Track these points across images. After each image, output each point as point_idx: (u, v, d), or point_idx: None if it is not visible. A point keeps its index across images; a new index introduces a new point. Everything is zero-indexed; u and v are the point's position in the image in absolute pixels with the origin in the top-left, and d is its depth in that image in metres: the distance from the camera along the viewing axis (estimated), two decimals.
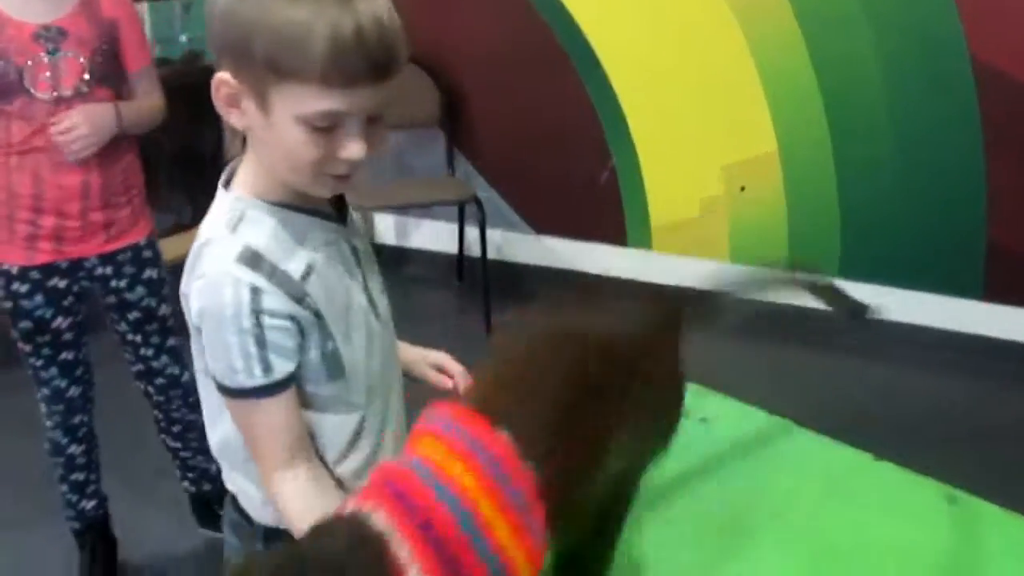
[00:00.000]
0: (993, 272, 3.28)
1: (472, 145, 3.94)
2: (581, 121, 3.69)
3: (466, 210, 3.92)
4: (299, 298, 1.06)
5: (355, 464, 1.15)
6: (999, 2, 3.08)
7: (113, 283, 2.10)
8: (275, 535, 1.16)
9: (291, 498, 1.08)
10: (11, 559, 2.41)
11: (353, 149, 1.03)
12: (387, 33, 1.00)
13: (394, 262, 3.99)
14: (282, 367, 1.06)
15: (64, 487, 2.25)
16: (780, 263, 2.55)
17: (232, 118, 1.05)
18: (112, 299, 2.14)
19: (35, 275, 2.02)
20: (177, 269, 2.35)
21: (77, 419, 2.19)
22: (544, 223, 3.92)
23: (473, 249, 3.91)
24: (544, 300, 1.19)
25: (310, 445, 1.11)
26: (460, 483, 0.89)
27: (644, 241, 3.75)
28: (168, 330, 2.21)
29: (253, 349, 1.04)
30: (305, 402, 1.11)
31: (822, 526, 1.28)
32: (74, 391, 2.16)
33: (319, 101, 0.99)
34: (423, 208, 4.01)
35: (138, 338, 2.19)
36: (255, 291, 1.03)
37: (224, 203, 1.10)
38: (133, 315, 2.16)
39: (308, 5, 0.97)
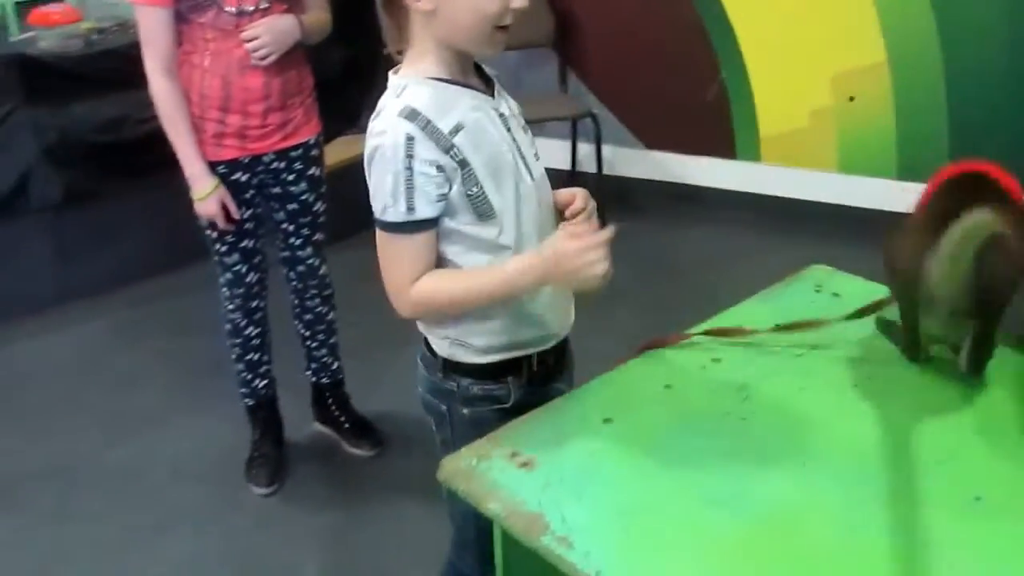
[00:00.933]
0: None
1: (583, 64, 4.05)
2: (690, 36, 3.76)
3: (579, 127, 4.04)
4: (446, 148, 1.27)
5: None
6: None
7: (284, 176, 2.34)
8: (452, 366, 1.41)
9: (437, 291, 1.32)
10: (190, 439, 2.69)
11: (512, 2, 1.26)
12: None
13: None
14: (423, 210, 1.28)
15: (240, 366, 2.50)
16: None
17: (422, 3, 1.26)
18: (278, 190, 2.36)
19: (222, 169, 2.24)
20: (337, 172, 2.62)
21: (254, 303, 2.43)
22: (654, 138, 4.02)
23: (585, 165, 4.04)
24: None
25: None
26: None
27: (753, 153, 3.83)
28: (318, 224, 2.45)
29: (402, 188, 1.26)
30: (459, 241, 1.33)
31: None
32: (252, 276, 2.40)
33: None
34: (538, 124, 4.14)
35: (291, 227, 2.42)
36: (409, 138, 1.25)
37: (392, 81, 1.32)
38: (292, 206, 2.39)
39: None
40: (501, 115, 1.36)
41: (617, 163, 4.05)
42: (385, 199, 1.28)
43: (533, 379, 1.43)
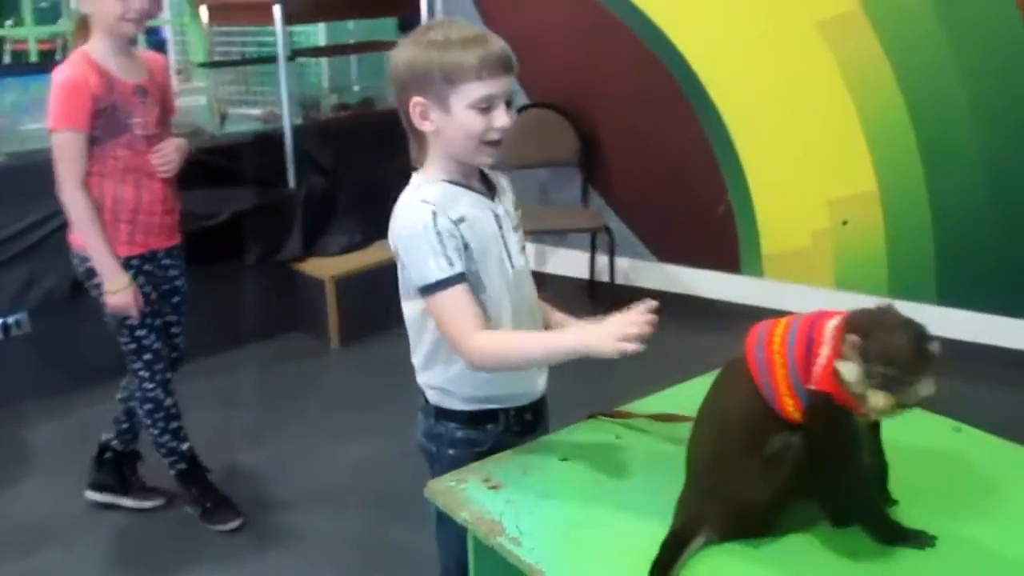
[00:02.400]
0: None
1: (604, 181, 4.45)
2: (701, 161, 4.15)
3: (597, 239, 4.42)
4: (455, 224, 1.60)
5: None
6: None
7: (170, 271, 2.74)
8: (441, 413, 1.74)
9: (499, 342, 1.61)
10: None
11: (503, 119, 1.60)
12: (506, 48, 1.60)
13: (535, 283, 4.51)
14: (459, 263, 1.58)
15: (166, 437, 2.80)
16: None
17: (425, 127, 1.62)
18: (166, 285, 2.74)
19: (135, 262, 2.62)
20: (353, 278, 2.95)
21: (168, 375, 2.77)
22: (666, 252, 4.37)
23: (602, 275, 4.40)
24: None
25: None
26: (771, 330, 1.39)
27: (756, 269, 4.16)
28: (185, 312, 2.85)
29: (439, 248, 1.57)
30: None
31: None
32: (165, 351, 2.75)
33: (481, 89, 1.57)
34: (560, 235, 4.52)
35: (173, 317, 2.81)
36: (434, 214, 1.58)
37: (413, 180, 1.68)
38: (175, 299, 2.79)
39: (459, 46, 1.57)
40: (496, 215, 1.69)
41: (632, 274, 4.41)
42: (427, 266, 1.57)
43: (509, 429, 1.73)
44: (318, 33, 5.16)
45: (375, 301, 4.13)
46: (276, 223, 4.11)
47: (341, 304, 4.06)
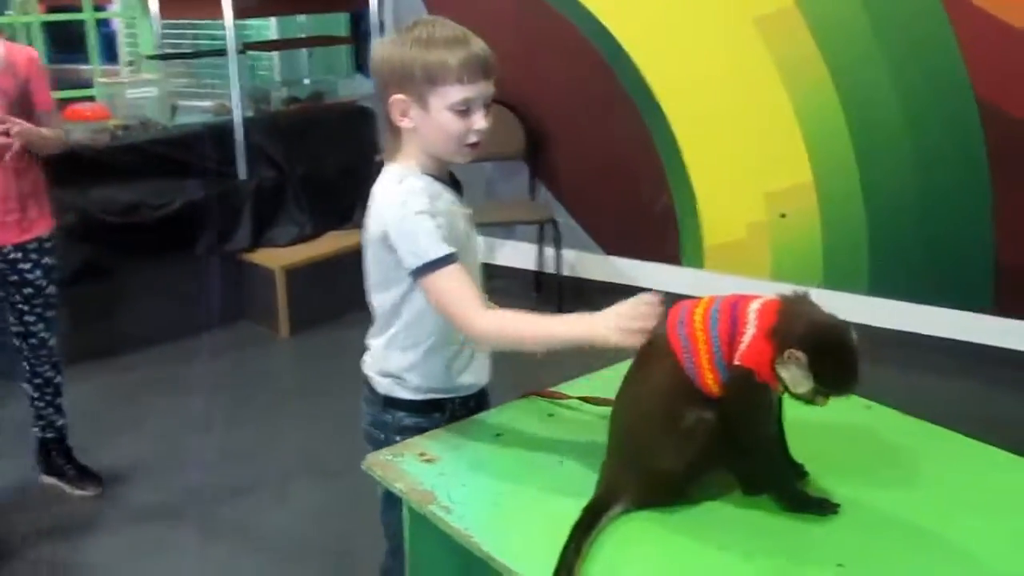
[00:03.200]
0: (1001, 287, 3.71)
1: (551, 175, 4.55)
2: (644, 156, 4.26)
3: (544, 232, 4.51)
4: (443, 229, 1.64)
5: None
6: (996, 47, 3.52)
7: (20, 265, 2.75)
8: (390, 401, 1.79)
9: (508, 322, 1.63)
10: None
11: (480, 122, 1.64)
12: (488, 51, 1.64)
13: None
14: (451, 245, 1.62)
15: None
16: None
17: (403, 123, 1.66)
18: (15, 277, 2.76)
19: None
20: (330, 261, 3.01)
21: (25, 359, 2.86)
22: (611, 244, 4.48)
23: (549, 266, 4.51)
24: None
25: None
26: (691, 310, 1.47)
27: (697, 261, 4.28)
28: (49, 304, 2.86)
29: (432, 228, 1.60)
30: None
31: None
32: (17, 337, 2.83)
33: (461, 93, 1.60)
34: (507, 228, 4.62)
35: (25, 307, 2.82)
36: (429, 199, 1.62)
37: (392, 170, 1.69)
38: (27, 290, 2.79)
39: (442, 46, 1.61)
40: (465, 215, 1.75)
41: (578, 266, 4.51)
42: (419, 245, 1.60)
43: (455, 416, 1.80)
44: (270, 27, 5.20)
45: (324, 291, 4.24)
46: (226, 213, 4.17)
47: (290, 294, 4.13)
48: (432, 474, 1.58)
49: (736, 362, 1.42)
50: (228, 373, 3.84)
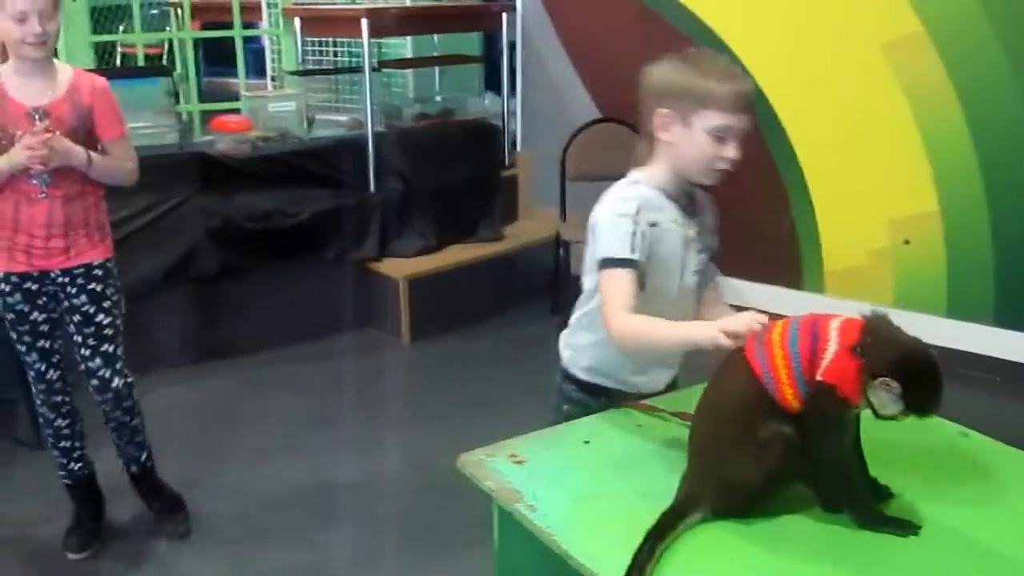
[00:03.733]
0: None
1: None
2: (766, 178, 4.24)
3: None
4: (651, 224, 1.81)
5: None
6: None
7: (68, 289, 2.63)
8: (566, 375, 2.00)
9: (636, 324, 1.77)
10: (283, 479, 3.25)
11: (731, 151, 1.79)
12: (752, 90, 1.81)
13: None
14: (639, 254, 1.79)
15: (55, 452, 2.80)
16: None
17: (663, 136, 1.82)
18: (66, 303, 2.64)
19: (14, 279, 2.59)
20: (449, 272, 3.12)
21: (58, 398, 2.72)
22: (730, 265, 4.46)
23: None
24: None
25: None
26: (769, 329, 1.53)
27: (818, 286, 4.24)
28: (103, 336, 2.67)
29: (630, 236, 1.78)
30: None
31: None
32: (52, 374, 2.70)
33: (723, 120, 1.76)
34: None
35: (78, 338, 2.67)
36: (638, 209, 1.80)
37: (632, 175, 1.88)
38: (76, 318, 2.65)
39: (717, 75, 1.77)
40: (686, 236, 1.88)
41: None
42: (613, 244, 1.79)
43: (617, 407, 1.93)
44: (406, 46, 5.40)
45: (445, 301, 4.37)
46: (355, 223, 4.34)
47: (412, 303, 4.27)
48: (520, 474, 1.66)
49: (818, 377, 1.46)
50: (349, 375, 4.00)
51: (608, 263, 1.79)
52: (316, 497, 3.09)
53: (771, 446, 1.49)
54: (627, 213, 1.79)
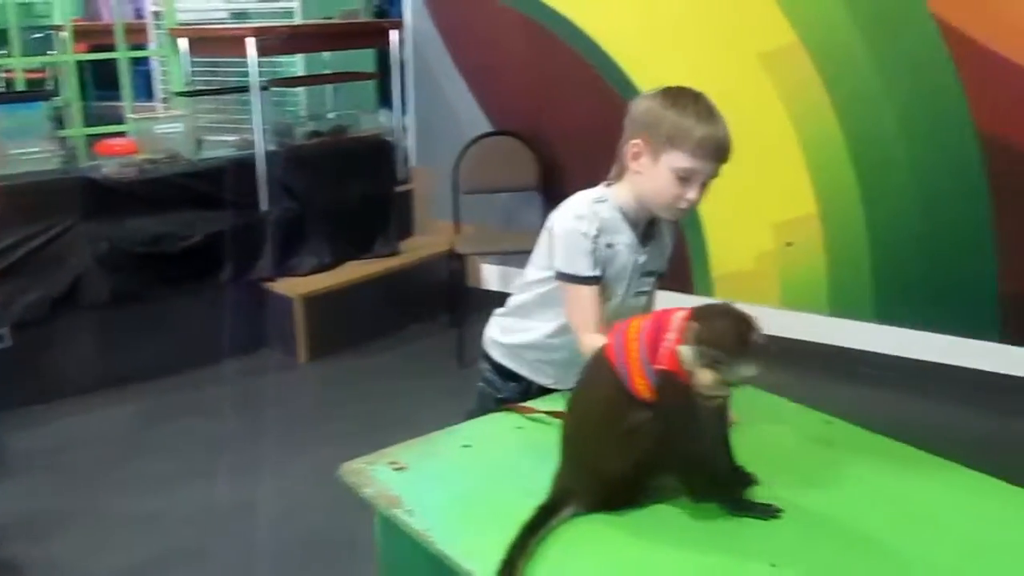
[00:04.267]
0: (1005, 315, 3.74)
1: None
2: None
3: None
4: (608, 245, 1.90)
5: None
6: (997, 82, 3.59)
7: None
8: (484, 352, 2.18)
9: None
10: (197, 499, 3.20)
11: (692, 194, 1.84)
12: (728, 140, 1.84)
13: (497, 303, 4.70)
14: (598, 271, 1.89)
15: None
16: None
17: (632, 164, 1.88)
18: None
19: None
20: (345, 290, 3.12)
21: None
22: None
23: None
24: None
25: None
26: (628, 323, 1.57)
27: (707, 290, 4.36)
28: None
29: (590, 255, 1.87)
30: None
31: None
32: None
33: (688, 163, 1.80)
34: (524, 256, 4.70)
35: None
36: (599, 231, 1.89)
37: (601, 189, 1.96)
38: None
39: (694, 118, 1.81)
40: (636, 261, 1.95)
41: None
42: (576, 261, 1.88)
43: (529, 394, 2.04)
44: (297, 64, 5.38)
45: (343, 319, 4.37)
46: (248, 244, 4.31)
47: (310, 322, 4.26)
48: (400, 481, 1.68)
49: (661, 366, 1.51)
50: (249, 397, 3.97)
51: (572, 279, 1.88)
52: (218, 520, 3.07)
53: (634, 437, 1.53)
54: (588, 234, 1.87)
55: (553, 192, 4.64)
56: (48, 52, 5.83)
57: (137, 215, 4.08)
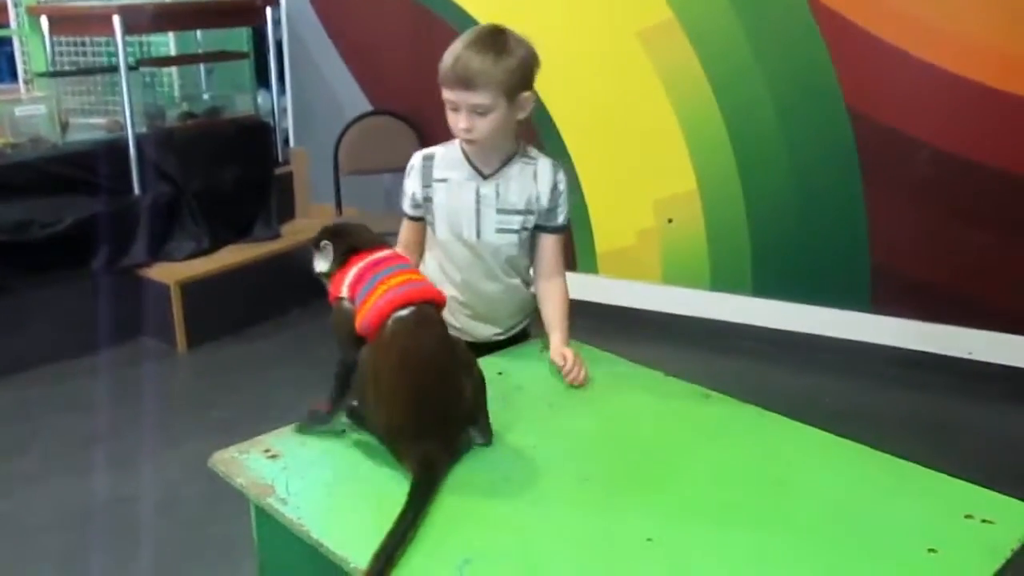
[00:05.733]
0: (875, 286, 3.86)
1: None
2: None
3: None
4: (427, 185, 2.06)
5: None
6: (864, 59, 3.68)
7: None
8: None
9: None
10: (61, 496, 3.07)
11: (463, 124, 1.95)
12: (464, 65, 1.92)
13: None
14: (410, 210, 2.10)
15: None
16: None
17: None
18: None
19: None
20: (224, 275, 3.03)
21: None
22: None
23: None
24: None
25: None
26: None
27: (592, 267, 4.38)
28: None
29: (407, 188, 2.09)
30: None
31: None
32: None
33: (444, 93, 1.95)
34: None
35: None
36: (413, 168, 2.10)
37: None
38: None
39: (449, 51, 1.96)
40: (477, 191, 2.03)
41: None
42: (402, 198, 2.12)
43: None
44: (168, 44, 5.20)
45: (222, 305, 4.25)
46: (120, 229, 4.15)
47: (187, 308, 4.13)
48: (274, 469, 1.64)
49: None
50: (123, 388, 3.83)
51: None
52: (93, 518, 2.94)
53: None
54: (409, 170, 2.11)
55: None
56: None
57: None
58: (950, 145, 3.61)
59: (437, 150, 2.09)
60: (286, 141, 4.97)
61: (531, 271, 2.17)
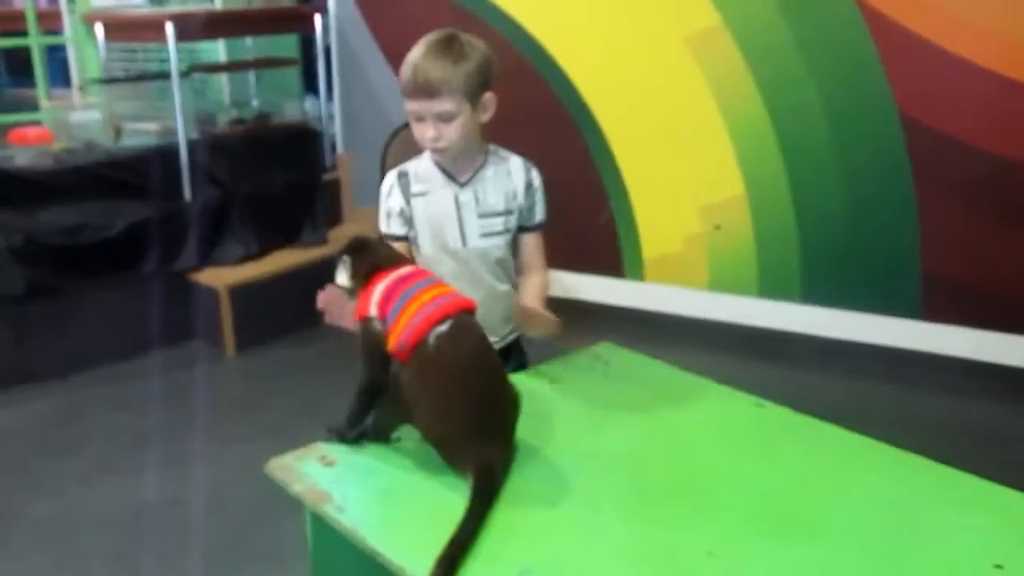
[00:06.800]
0: (926, 294, 3.81)
1: None
2: (584, 174, 4.35)
3: None
4: (407, 200, 2.06)
5: None
6: (916, 63, 3.64)
7: None
8: None
9: None
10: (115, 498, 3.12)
11: (430, 134, 1.97)
12: (424, 74, 1.93)
13: None
14: (397, 229, 2.08)
15: None
16: None
17: None
18: None
19: None
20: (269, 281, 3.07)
21: None
22: (555, 260, 4.53)
23: None
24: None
25: None
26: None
27: (638, 274, 4.37)
28: None
29: (384, 209, 2.08)
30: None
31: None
32: None
33: (408, 104, 1.96)
34: None
35: None
36: (391, 186, 2.07)
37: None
38: None
39: (408, 62, 1.97)
40: (456, 198, 2.05)
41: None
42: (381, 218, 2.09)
43: None
44: (218, 51, 5.27)
45: (271, 309, 4.29)
46: (171, 234, 4.21)
47: (236, 312, 4.17)
48: (330, 476, 1.65)
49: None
50: (173, 391, 3.88)
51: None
52: (144, 518, 2.98)
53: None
54: (385, 187, 2.09)
55: None
56: None
57: (54, 206, 3.96)
58: (1003, 149, 3.56)
59: (409, 166, 2.09)
60: (333, 147, 5.00)
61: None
